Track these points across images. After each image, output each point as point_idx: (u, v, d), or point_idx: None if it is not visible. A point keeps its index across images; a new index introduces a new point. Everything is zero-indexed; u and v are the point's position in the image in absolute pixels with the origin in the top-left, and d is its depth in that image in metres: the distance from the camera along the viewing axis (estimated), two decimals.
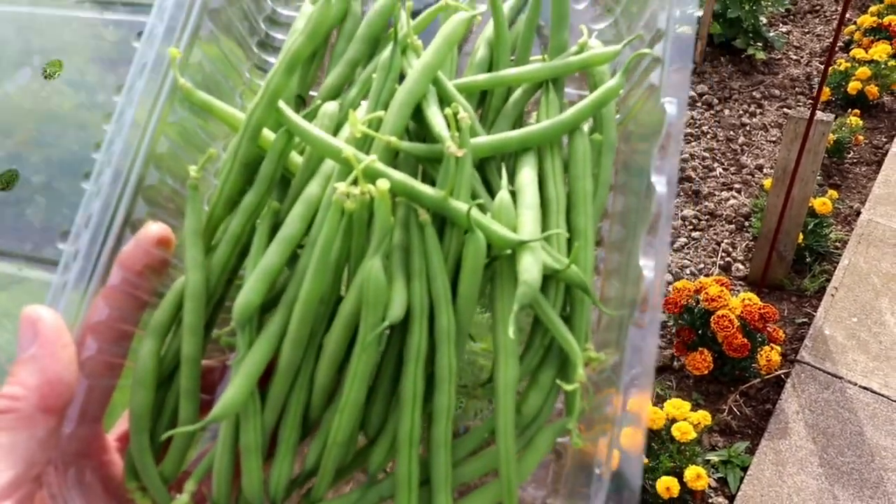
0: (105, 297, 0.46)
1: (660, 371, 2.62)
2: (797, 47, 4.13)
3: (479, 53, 0.57)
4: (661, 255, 0.43)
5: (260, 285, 0.45)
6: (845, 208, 3.20)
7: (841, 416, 2.37)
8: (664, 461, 2.17)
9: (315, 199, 0.48)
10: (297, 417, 0.46)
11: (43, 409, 0.40)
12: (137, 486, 0.47)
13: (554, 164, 0.52)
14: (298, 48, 0.49)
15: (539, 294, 0.46)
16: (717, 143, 3.57)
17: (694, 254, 3.06)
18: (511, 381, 0.45)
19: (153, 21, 0.50)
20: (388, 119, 0.48)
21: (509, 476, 0.45)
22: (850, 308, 2.71)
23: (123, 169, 0.48)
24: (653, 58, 0.51)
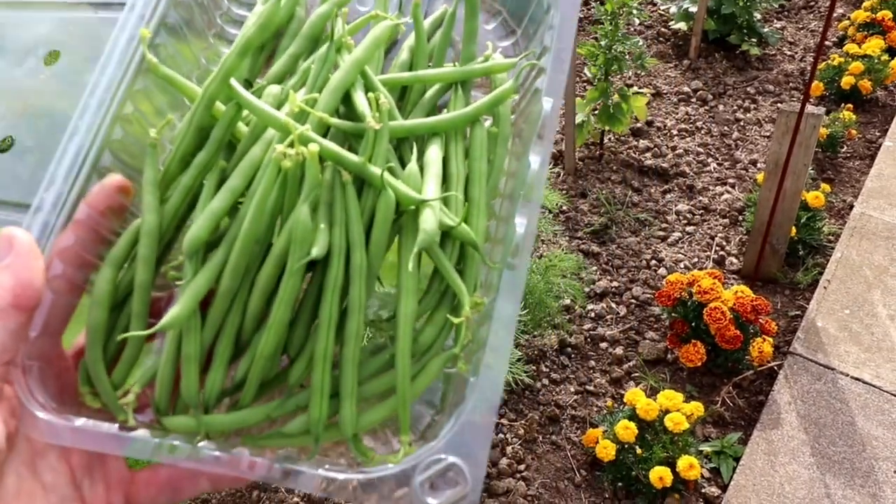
0: (72, 228, 0.55)
1: (654, 363, 2.67)
2: (791, 43, 4.18)
3: (401, 57, 0.69)
4: (532, 216, 0.55)
5: (207, 223, 0.55)
6: (838, 202, 3.25)
7: (833, 406, 2.41)
8: (657, 451, 2.21)
9: (257, 159, 0.58)
10: (231, 336, 0.56)
11: (15, 305, 0.49)
12: (90, 391, 0.56)
13: (457, 147, 0.63)
14: (250, 36, 0.60)
15: (437, 248, 0.57)
16: (712, 139, 3.61)
17: (688, 248, 3.11)
18: (410, 314, 0.56)
19: (126, 11, 0.60)
20: (322, 100, 0.59)
21: (404, 393, 0.55)
22: (842, 300, 2.75)
23: (94, 126, 0.57)
24: (539, 68, 0.63)
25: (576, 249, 3.09)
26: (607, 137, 3.57)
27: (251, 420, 0.55)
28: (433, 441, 0.51)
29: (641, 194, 3.35)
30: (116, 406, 0.54)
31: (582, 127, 3.26)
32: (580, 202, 3.30)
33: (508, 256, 0.55)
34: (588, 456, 2.41)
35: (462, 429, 0.50)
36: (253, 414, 0.55)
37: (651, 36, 4.28)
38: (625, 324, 2.83)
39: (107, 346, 0.56)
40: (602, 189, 3.34)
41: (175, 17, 0.63)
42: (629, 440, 2.23)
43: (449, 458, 0.49)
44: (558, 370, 2.67)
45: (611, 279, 2.99)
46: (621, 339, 2.78)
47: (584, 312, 2.87)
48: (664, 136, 3.64)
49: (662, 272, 3.00)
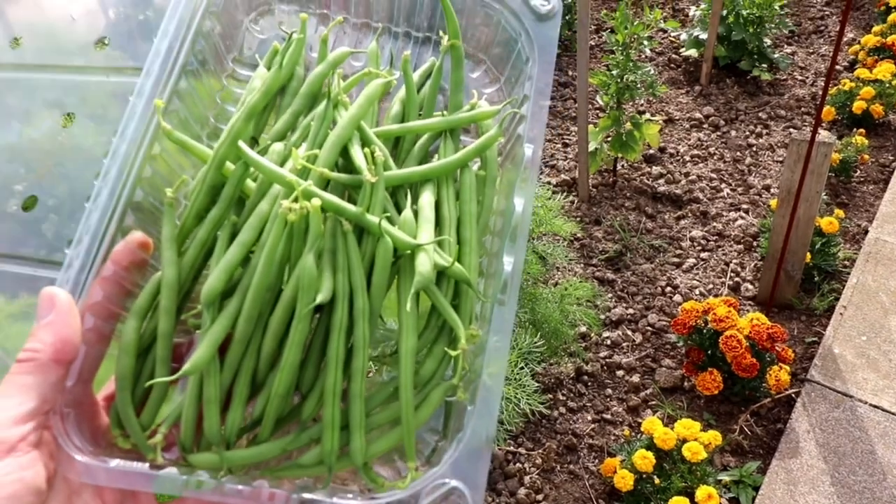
0: (99, 283, 0.60)
1: (670, 391, 2.65)
2: (802, 68, 4.17)
3: (394, 109, 0.75)
4: (519, 254, 0.60)
5: (222, 275, 0.61)
6: (853, 227, 3.22)
7: (852, 434, 2.37)
8: (675, 481, 2.19)
9: (265, 214, 0.63)
10: (247, 378, 0.61)
11: (56, 360, 0.54)
12: (121, 433, 0.61)
13: (448, 192, 0.68)
14: (255, 102, 0.66)
15: (433, 286, 0.62)
16: (725, 164, 3.61)
17: (703, 274, 3.10)
18: (411, 349, 0.61)
19: (142, 79, 0.66)
20: (322, 156, 0.65)
21: (409, 423, 0.60)
22: (859, 326, 2.71)
23: (116, 189, 0.63)
24: (521, 115, 0.68)
25: (590, 277, 3.12)
26: (620, 164, 3.61)
27: (269, 454, 0.60)
28: (437, 467, 0.55)
29: (655, 221, 3.37)
30: (146, 446, 0.59)
31: (595, 154, 3.30)
32: (594, 229, 3.33)
33: (498, 293, 0.59)
34: (606, 485, 2.40)
35: (462, 454, 0.55)
36: (270, 448, 0.60)
37: (662, 63, 4.33)
38: (641, 351, 2.84)
39: (134, 390, 0.61)
40: (616, 216, 3.38)
41: (185, 84, 0.69)
42: (647, 470, 2.22)
43: (451, 482, 0.54)
44: (575, 398, 2.68)
45: (626, 306, 3.01)
46: (637, 367, 2.78)
47: (600, 340, 2.89)
48: (677, 162, 3.66)
49: (678, 299, 3.00)
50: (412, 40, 0.82)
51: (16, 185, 0.86)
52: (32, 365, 0.54)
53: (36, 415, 0.54)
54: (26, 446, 0.53)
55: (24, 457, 0.52)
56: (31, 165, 0.87)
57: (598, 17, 4.54)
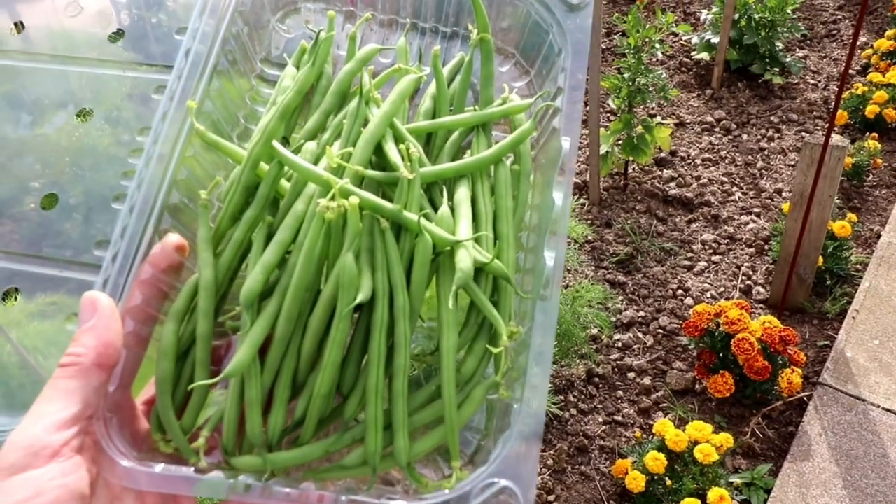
0: (138, 287, 0.60)
1: (681, 394, 2.65)
2: (814, 72, 4.15)
3: (424, 105, 0.74)
4: (560, 248, 0.59)
5: (261, 276, 0.60)
6: (865, 231, 3.21)
7: (864, 438, 2.36)
8: (687, 483, 2.19)
9: (301, 213, 0.63)
10: (288, 379, 0.60)
11: (98, 364, 0.54)
12: (162, 437, 0.60)
13: (483, 187, 0.68)
14: (290, 101, 0.65)
15: (472, 283, 0.61)
16: (736, 168, 3.60)
17: (714, 277, 3.09)
18: (452, 347, 0.60)
19: (172, 80, 0.66)
20: (356, 153, 0.64)
21: (452, 422, 0.59)
22: (871, 330, 2.70)
23: (152, 192, 0.62)
24: (555, 108, 0.68)
25: (602, 279, 3.11)
26: (631, 168, 3.60)
27: (312, 455, 0.59)
28: (484, 466, 0.54)
29: (666, 224, 3.36)
30: (188, 450, 0.58)
31: (606, 158, 3.30)
32: (605, 232, 3.32)
33: (540, 289, 0.59)
34: (617, 487, 2.39)
35: (511, 453, 0.54)
36: (313, 450, 0.59)
37: (673, 66, 4.32)
38: (652, 354, 2.83)
39: (174, 394, 0.61)
40: (627, 219, 3.37)
41: (217, 84, 0.69)
42: (659, 471, 2.21)
43: (501, 481, 0.53)
44: (586, 400, 2.67)
45: (637, 309, 3.00)
46: (649, 370, 2.77)
47: (611, 342, 2.88)
48: (688, 165, 3.65)
49: (689, 302, 2.99)
50: (440, 35, 0.81)
51: (32, 181, 0.84)
52: (75, 369, 0.53)
53: (79, 420, 0.53)
54: (69, 451, 0.52)
55: (67, 462, 0.52)
56: (47, 162, 0.85)
57: (609, 20, 4.53)
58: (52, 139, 0.85)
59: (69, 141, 0.85)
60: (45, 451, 0.51)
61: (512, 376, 0.61)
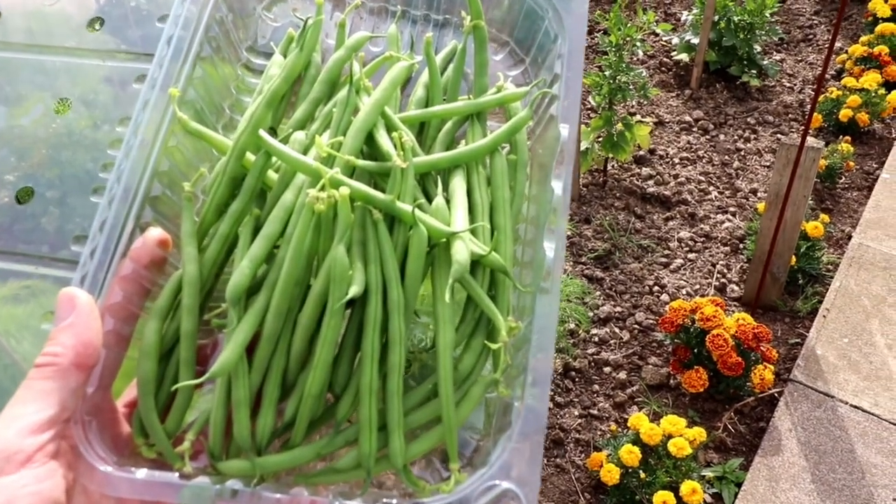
0: (118, 283, 0.57)
1: (656, 389, 2.67)
2: (790, 75, 4.21)
3: (417, 94, 0.71)
4: (560, 239, 0.57)
5: (248, 270, 0.57)
6: (837, 232, 3.27)
7: (832, 434, 2.42)
8: (660, 476, 2.22)
9: (290, 205, 0.60)
10: (277, 378, 0.57)
11: (77, 365, 0.51)
12: (144, 442, 0.57)
13: (479, 177, 0.65)
14: (277, 87, 0.62)
15: (469, 276, 0.59)
16: (713, 168, 3.63)
17: (690, 275, 3.11)
18: (449, 343, 0.57)
19: (154, 67, 0.62)
20: (347, 143, 0.61)
21: (450, 421, 0.57)
22: (841, 329, 2.76)
23: (133, 183, 0.59)
24: (552, 95, 0.66)
25: (580, 274, 3.11)
26: (611, 165, 3.61)
27: (303, 459, 0.56)
28: (484, 468, 0.52)
29: (644, 221, 3.38)
30: (172, 454, 0.55)
31: (586, 154, 3.30)
32: (584, 228, 3.32)
33: (540, 281, 0.56)
34: (592, 479, 2.41)
35: (512, 453, 0.52)
36: (304, 452, 0.56)
37: (653, 66, 4.33)
38: (628, 349, 2.84)
39: (157, 395, 0.58)
40: (605, 215, 3.37)
41: (200, 72, 0.66)
42: (633, 464, 2.24)
43: (503, 484, 0.50)
44: (562, 394, 2.68)
45: (614, 304, 3.01)
46: (624, 364, 2.79)
47: (588, 337, 2.88)
48: (666, 164, 3.67)
49: (665, 298, 3.02)
50: (431, 24, 0.79)
51: (6, 174, 0.80)
52: (52, 370, 0.50)
53: (55, 423, 0.50)
54: (44, 457, 0.49)
55: (41, 468, 0.49)
56: (23, 154, 0.81)
57: (591, 17, 4.53)
58: (29, 130, 0.81)
59: (46, 132, 0.80)
60: (17, 456, 0.47)
61: (511, 373, 0.59)
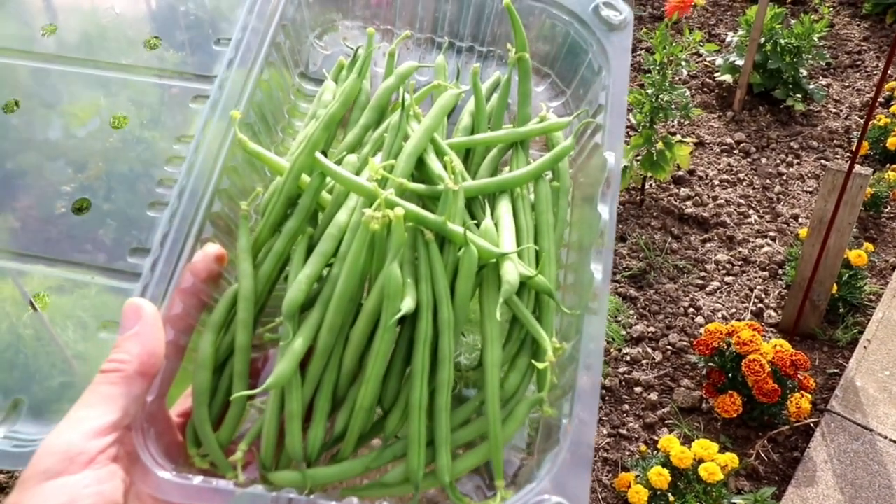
0: (178, 295, 0.59)
1: (688, 412, 2.63)
2: (837, 100, 4.13)
3: (463, 121, 0.74)
4: (607, 261, 0.59)
5: (303, 286, 0.59)
6: (881, 262, 3.19)
7: (870, 468, 2.35)
8: (690, 500, 2.19)
9: (343, 224, 0.62)
10: (329, 392, 0.59)
11: (141, 373, 0.53)
12: (197, 452, 0.59)
13: (524, 202, 0.67)
14: (335, 112, 0.65)
15: (515, 297, 0.61)
16: (753, 191, 3.57)
17: (726, 298, 3.07)
18: (496, 361, 0.59)
19: (215, 89, 0.65)
20: (399, 166, 0.63)
21: (496, 439, 0.58)
22: (882, 361, 2.69)
23: (195, 199, 0.62)
24: (596, 124, 0.67)
25: (613, 292, 3.09)
26: (649, 183, 3.59)
27: (352, 472, 0.58)
28: (533, 483, 0.53)
29: (681, 242, 3.35)
30: (224, 464, 0.57)
31: (625, 172, 3.29)
32: (619, 246, 3.31)
33: (588, 302, 0.58)
34: (619, 500, 2.38)
35: (561, 469, 0.53)
36: (354, 466, 0.58)
37: (695, 86, 4.30)
38: (660, 370, 2.81)
39: (211, 406, 0.60)
40: (642, 234, 3.35)
41: (259, 95, 0.68)
42: (662, 487, 2.20)
43: (552, 498, 0.51)
44: None
45: (647, 324, 2.98)
46: (656, 385, 2.75)
47: (620, 356, 2.86)
48: (706, 185, 3.64)
49: (700, 321, 2.97)
50: (476, 55, 0.81)
51: (63, 185, 0.83)
52: (118, 376, 0.52)
53: (117, 428, 0.52)
54: (105, 459, 0.51)
55: (102, 469, 0.50)
56: (79, 166, 0.84)
57: (634, 35, 4.53)
58: (85, 143, 0.84)
59: (102, 146, 0.84)
60: (81, 458, 0.49)
61: (556, 393, 0.60)
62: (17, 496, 0.48)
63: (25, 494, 0.48)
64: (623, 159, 3.24)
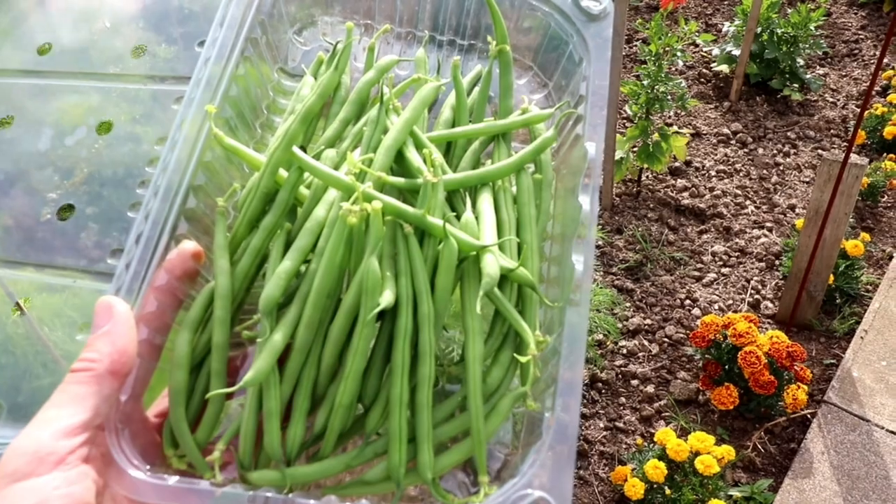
0: (153, 293, 0.58)
1: (684, 404, 2.63)
2: (833, 90, 4.12)
3: (444, 115, 0.73)
4: (589, 252, 0.58)
5: (280, 282, 0.58)
6: (877, 252, 3.19)
7: (867, 458, 2.35)
8: (686, 493, 2.18)
9: (321, 219, 0.61)
10: (308, 389, 0.58)
11: (111, 372, 0.52)
12: (175, 453, 0.58)
13: (505, 196, 0.66)
14: (311, 105, 0.64)
15: (497, 291, 0.60)
16: (750, 182, 3.56)
17: (723, 290, 3.06)
18: (478, 356, 0.58)
19: (191, 87, 0.64)
20: (378, 159, 0.63)
21: (479, 434, 0.57)
22: (879, 351, 2.68)
23: (169, 197, 0.61)
24: (577, 115, 0.66)
25: (610, 285, 3.09)
26: (645, 175, 3.58)
27: (332, 470, 0.57)
28: (515, 478, 0.52)
29: (677, 233, 3.34)
30: (202, 464, 0.57)
31: (621, 164, 3.28)
32: (616, 238, 3.30)
33: (570, 294, 0.57)
34: (616, 493, 2.38)
35: (543, 463, 0.52)
36: (334, 464, 0.57)
37: (692, 77, 4.29)
38: (657, 362, 2.80)
39: (188, 406, 0.59)
40: (638, 226, 3.35)
41: (235, 91, 0.67)
42: (658, 480, 2.20)
43: (535, 492, 0.51)
44: (588, 405, 2.65)
45: (644, 316, 2.98)
46: (652, 378, 2.75)
47: (616, 348, 2.86)
48: (702, 176, 3.63)
49: (696, 312, 2.97)
50: (457, 48, 0.81)
51: (50, 192, 0.84)
52: (88, 375, 0.51)
53: (87, 427, 0.51)
54: (76, 460, 0.50)
55: (72, 470, 0.49)
56: (66, 173, 0.85)
57: (630, 26, 4.51)
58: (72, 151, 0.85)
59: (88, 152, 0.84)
60: (50, 458, 0.48)
61: (539, 387, 0.59)
62: None
63: None
64: (619, 151, 3.25)
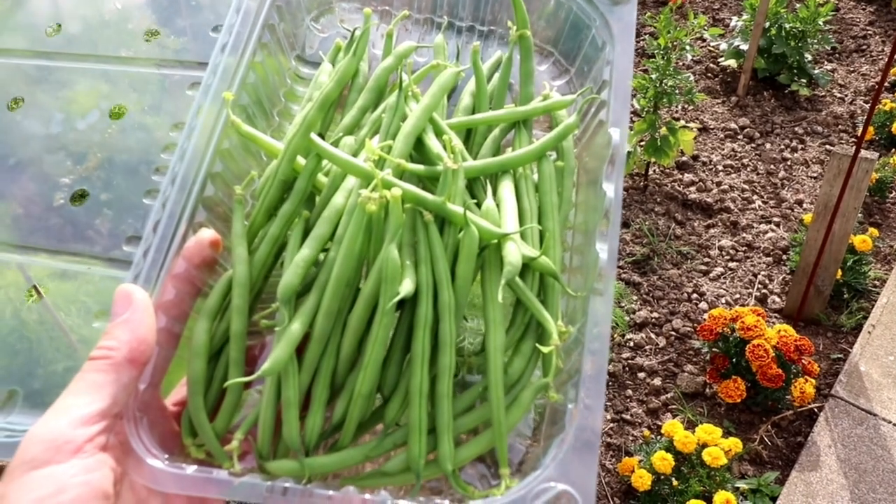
0: (171, 281, 0.57)
1: (691, 397, 2.63)
2: (842, 85, 4.10)
3: (463, 102, 0.72)
4: (613, 241, 0.57)
5: (299, 271, 0.57)
6: (885, 247, 3.19)
7: (874, 452, 2.35)
8: (693, 485, 2.18)
9: (340, 207, 0.60)
10: (327, 378, 0.58)
11: (130, 360, 0.51)
12: (193, 442, 0.57)
13: (527, 183, 0.65)
14: (329, 92, 0.63)
15: (519, 280, 0.59)
16: (758, 176, 3.56)
17: (730, 284, 3.06)
18: (499, 346, 0.57)
19: (208, 74, 0.63)
20: (397, 146, 0.62)
21: (500, 426, 0.56)
22: (886, 346, 2.68)
23: (187, 184, 0.60)
24: (600, 101, 0.65)
25: (617, 278, 3.08)
26: (652, 169, 3.56)
27: (351, 461, 0.56)
28: (538, 470, 0.51)
29: (685, 227, 3.33)
30: (221, 453, 0.56)
31: (628, 158, 3.26)
32: (623, 232, 3.29)
33: (594, 283, 0.56)
34: (623, 484, 2.38)
35: (567, 456, 0.51)
36: (353, 454, 0.56)
37: (699, 71, 4.26)
38: (664, 355, 2.80)
39: (207, 395, 0.58)
40: (645, 220, 3.34)
41: (253, 78, 0.67)
42: (665, 471, 2.20)
43: (558, 485, 0.50)
44: None
45: (651, 310, 2.97)
46: (659, 371, 2.75)
47: (623, 341, 2.85)
48: (709, 171, 3.62)
49: (703, 306, 2.97)
50: (476, 34, 0.79)
51: (62, 177, 0.83)
52: (106, 363, 0.51)
53: (106, 416, 0.50)
54: (93, 448, 0.49)
55: (90, 458, 0.49)
56: (78, 158, 0.84)
57: (638, 20, 4.47)
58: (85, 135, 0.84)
59: (101, 137, 0.83)
60: (67, 446, 0.48)
61: (562, 378, 0.58)
62: (3, 487, 0.47)
63: (11, 485, 0.46)
64: (627, 144, 3.22)
